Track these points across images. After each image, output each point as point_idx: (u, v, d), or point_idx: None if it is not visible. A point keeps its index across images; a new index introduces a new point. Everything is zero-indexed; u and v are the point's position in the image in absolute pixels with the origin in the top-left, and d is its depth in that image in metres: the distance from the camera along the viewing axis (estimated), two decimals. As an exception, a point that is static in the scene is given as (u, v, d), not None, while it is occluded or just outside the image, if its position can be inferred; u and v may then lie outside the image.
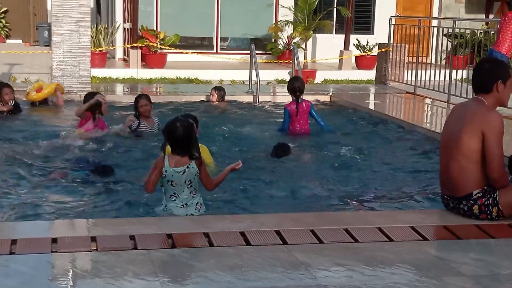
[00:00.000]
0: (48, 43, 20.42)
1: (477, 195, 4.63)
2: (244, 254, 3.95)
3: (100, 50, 15.71)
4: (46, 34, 22.15)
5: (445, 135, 4.84)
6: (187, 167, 4.89)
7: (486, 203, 4.62)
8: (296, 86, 8.60)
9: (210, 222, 4.54)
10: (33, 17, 24.72)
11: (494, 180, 4.61)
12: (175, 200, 4.94)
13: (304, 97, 9.48)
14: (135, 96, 8.61)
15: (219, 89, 11.16)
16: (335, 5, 18.69)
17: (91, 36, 13.10)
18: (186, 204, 4.93)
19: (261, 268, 3.75)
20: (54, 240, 4.05)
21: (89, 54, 11.33)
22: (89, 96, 8.10)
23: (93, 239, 4.10)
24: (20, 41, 24.30)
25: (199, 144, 6.36)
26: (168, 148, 5.01)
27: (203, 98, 11.29)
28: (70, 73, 11.11)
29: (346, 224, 4.52)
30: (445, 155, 4.78)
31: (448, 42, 12.84)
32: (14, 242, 4.00)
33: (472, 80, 4.81)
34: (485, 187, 4.64)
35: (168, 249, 4.01)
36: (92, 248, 3.98)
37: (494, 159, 4.55)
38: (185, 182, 4.90)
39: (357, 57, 17.26)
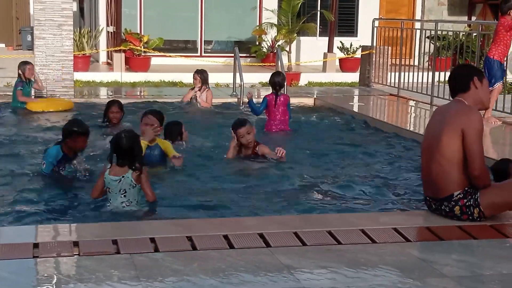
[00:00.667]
0: (31, 47, 20.29)
1: (458, 196, 4.65)
2: (228, 258, 3.95)
3: (84, 54, 15.66)
4: (29, 38, 22.00)
5: (427, 137, 4.87)
6: (123, 177, 5.15)
7: (467, 204, 4.65)
8: (276, 81, 9.12)
9: (193, 226, 4.53)
10: (16, 21, 24.57)
11: (475, 178, 4.62)
12: (109, 205, 5.22)
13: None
14: (108, 101, 8.58)
15: (201, 72, 10.88)
16: (318, 8, 18.73)
17: (74, 39, 13.05)
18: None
19: (244, 272, 3.75)
20: (36, 245, 4.03)
21: (72, 57, 11.29)
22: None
23: (76, 243, 4.08)
24: (3, 45, 24.14)
25: (163, 140, 6.49)
26: None
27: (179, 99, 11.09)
28: (53, 77, 11.07)
29: (330, 226, 4.53)
30: (426, 157, 4.81)
31: (431, 44, 12.89)
32: (-5, 247, 3.97)
33: (449, 83, 4.88)
34: (466, 188, 4.67)
35: (151, 253, 3.99)
36: (75, 253, 3.96)
37: (475, 157, 4.57)
38: (120, 191, 5.17)
39: (341, 60, 17.32)
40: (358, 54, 15.58)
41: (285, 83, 9.94)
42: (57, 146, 6.21)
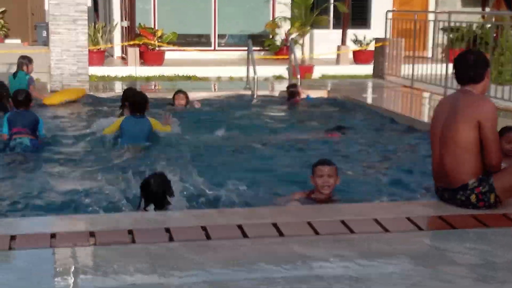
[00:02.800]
0: (46, 43, 20.43)
1: (473, 184, 4.67)
2: (241, 247, 3.99)
3: (98, 49, 15.74)
4: (44, 33, 22.16)
5: (437, 128, 4.85)
6: None
7: (483, 191, 4.67)
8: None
9: (207, 216, 4.58)
10: (31, 17, 24.74)
11: (493, 167, 4.68)
12: None
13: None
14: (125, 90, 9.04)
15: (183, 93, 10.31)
16: (332, 1, 18.70)
17: (89, 34, 13.14)
18: None
19: (257, 260, 3.79)
20: (53, 236, 4.09)
21: (87, 52, 11.38)
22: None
23: (92, 234, 4.14)
24: (18, 41, 24.32)
25: (152, 118, 7.30)
26: None
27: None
28: (69, 71, 11.17)
29: (342, 215, 4.56)
30: (438, 148, 4.81)
31: (445, 36, 12.84)
32: (13, 237, 4.04)
33: (459, 72, 4.82)
34: (479, 176, 4.69)
35: (166, 242, 4.05)
36: (91, 243, 4.02)
37: (493, 147, 4.61)
38: None
39: (354, 52, 17.29)
40: (371, 47, 15.54)
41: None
42: None
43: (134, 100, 7.62)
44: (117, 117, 8.21)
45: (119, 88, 12.54)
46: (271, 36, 18.50)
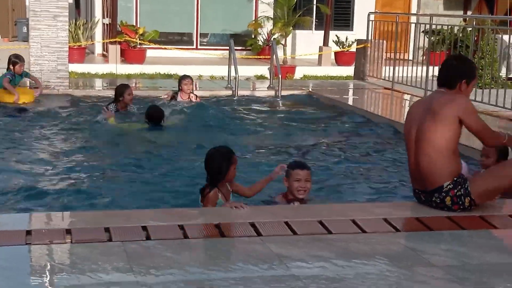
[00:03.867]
0: (26, 39, 20.26)
1: (448, 186, 4.70)
2: (219, 246, 3.99)
3: (79, 45, 15.64)
4: (24, 29, 22.00)
5: (410, 130, 4.85)
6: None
7: (457, 194, 4.69)
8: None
9: (185, 214, 4.56)
10: (12, 13, 24.54)
11: (491, 147, 4.90)
12: None
13: (284, 92, 11.13)
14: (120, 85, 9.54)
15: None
16: (314, 2, 18.74)
17: (69, 31, 13.05)
18: None
19: (235, 260, 3.79)
20: (29, 233, 4.06)
21: (67, 48, 11.30)
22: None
23: (68, 231, 4.11)
24: (-2, 37, 24.13)
25: None
26: None
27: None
28: (48, 67, 11.07)
29: (320, 216, 4.57)
30: (413, 150, 4.82)
31: (426, 39, 12.92)
32: (-13, 234, 4.00)
33: (438, 73, 4.88)
34: (455, 178, 4.71)
35: (143, 241, 4.03)
36: (67, 240, 3.99)
37: (483, 132, 4.71)
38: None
39: (336, 53, 17.34)
40: (353, 48, 15.60)
41: None
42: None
43: (151, 115, 8.43)
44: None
45: (99, 86, 12.49)
46: (253, 36, 18.51)
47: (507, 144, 4.95)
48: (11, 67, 10.16)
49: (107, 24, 17.38)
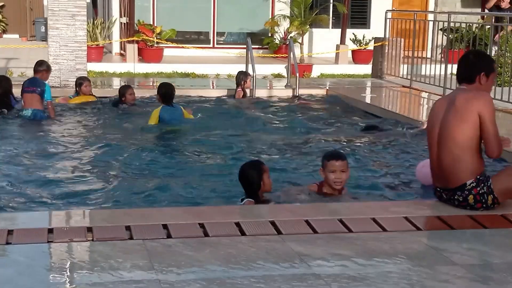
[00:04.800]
0: (45, 38, 20.39)
1: (471, 185, 4.67)
2: (239, 244, 3.99)
3: (97, 45, 15.71)
4: (42, 29, 22.10)
5: (434, 127, 4.83)
6: None
7: (480, 192, 4.66)
8: None
9: (205, 213, 4.57)
10: (30, 12, 24.68)
11: (495, 158, 4.78)
12: None
13: (301, 91, 11.31)
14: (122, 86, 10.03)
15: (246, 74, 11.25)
16: (331, 0, 18.69)
17: (87, 30, 13.11)
18: None
19: (255, 258, 3.79)
20: (50, 231, 4.08)
21: (86, 48, 11.36)
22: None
23: (89, 229, 4.13)
24: (17, 36, 24.28)
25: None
26: None
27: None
28: (67, 67, 11.13)
29: (340, 214, 4.56)
30: (436, 147, 4.80)
31: (444, 36, 12.84)
32: (10, 232, 4.03)
33: (457, 70, 4.87)
34: (478, 177, 4.68)
35: (164, 239, 4.04)
36: (88, 238, 4.01)
37: (493, 138, 4.63)
38: None
39: (353, 51, 17.28)
40: (370, 46, 15.53)
41: None
42: None
43: (165, 92, 8.74)
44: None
45: (117, 85, 12.53)
46: (270, 35, 18.49)
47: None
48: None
49: (124, 23, 17.44)
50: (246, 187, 5.06)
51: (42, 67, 9.28)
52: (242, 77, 10.95)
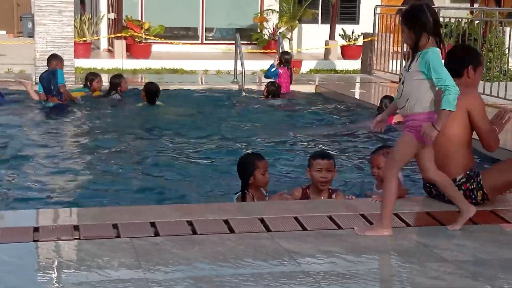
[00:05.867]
0: (32, 34, 20.25)
1: (461, 180, 4.65)
2: (228, 242, 3.95)
3: (84, 41, 15.61)
4: (30, 25, 21.96)
5: None
6: None
7: (470, 187, 4.65)
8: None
9: (193, 210, 4.53)
10: (17, 8, 24.53)
11: (493, 150, 4.75)
12: None
13: (291, 86, 11.36)
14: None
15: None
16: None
17: (75, 26, 13.01)
18: None
19: (244, 256, 3.75)
20: (36, 229, 4.03)
21: (73, 44, 11.27)
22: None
23: (76, 227, 4.08)
24: (3, 32, 24.11)
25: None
26: None
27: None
28: (54, 63, 11.01)
29: (330, 211, 4.53)
30: None
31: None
32: (-5, 231, 3.98)
33: (445, 65, 4.83)
34: (468, 172, 4.67)
35: (151, 237, 3.99)
36: (75, 237, 3.96)
37: (487, 132, 4.63)
38: None
39: (342, 47, 17.26)
40: (359, 42, 15.53)
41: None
42: None
43: (150, 90, 9.38)
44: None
45: (105, 81, 12.44)
46: (259, 30, 18.44)
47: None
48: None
49: (112, 19, 17.34)
50: (241, 179, 5.05)
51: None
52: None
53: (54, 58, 9.82)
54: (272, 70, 11.18)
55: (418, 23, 3.99)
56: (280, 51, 12.36)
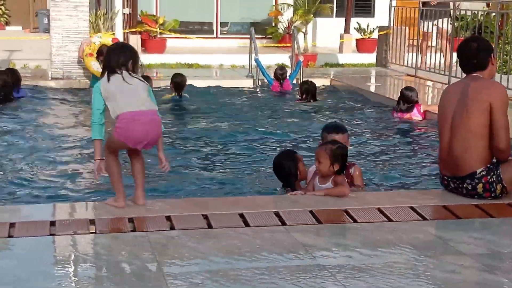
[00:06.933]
0: (47, 30, 20.33)
1: (481, 173, 4.61)
2: (243, 236, 3.95)
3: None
4: (45, 20, 22.04)
5: (446, 114, 4.77)
6: None
7: (490, 180, 4.61)
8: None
9: (208, 204, 4.53)
10: (33, 4, 24.62)
11: (501, 151, 4.60)
12: None
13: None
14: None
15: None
16: (335, -12, 18.57)
17: (90, 21, 13.02)
18: None
19: (260, 249, 3.75)
20: (53, 223, 4.05)
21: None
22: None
23: (92, 221, 4.10)
24: (20, 28, 24.21)
25: None
26: None
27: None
28: (69, 58, 11.07)
29: (345, 205, 4.51)
30: (448, 135, 4.73)
31: (449, 24, 12.75)
32: (12, 225, 4.00)
33: (464, 60, 4.78)
34: (488, 165, 4.63)
35: (167, 231, 4.00)
36: (91, 231, 3.97)
37: (502, 129, 4.56)
38: None
39: (357, 40, 17.17)
40: (375, 35, 15.44)
41: None
42: None
43: (179, 82, 9.52)
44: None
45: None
46: (273, 24, 18.39)
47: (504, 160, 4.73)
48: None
49: (127, 14, 17.35)
50: (282, 178, 5.02)
51: None
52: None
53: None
54: (268, 76, 11.20)
55: None
56: (295, 45, 12.31)
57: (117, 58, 4.29)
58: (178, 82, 9.57)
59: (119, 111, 4.20)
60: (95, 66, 10.31)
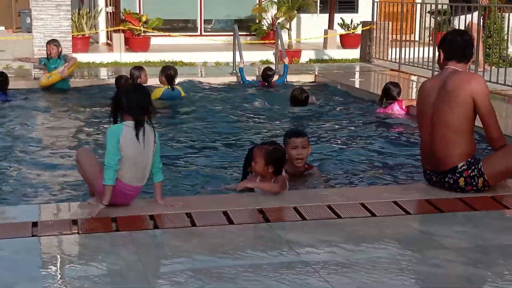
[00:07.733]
0: (30, 30, 20.22)
1: (462, 167, 4.63)
2: (227, 233, 3.94)
3: (83, 35, 15.55)
4: (28, 20, 21.89)
5: (425, 110, 4.78)
6: None
7: (471, 174, 4.63)
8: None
9: (192, 202, 4.52)
10: (15, 4, 24.46)
11: (494, 140, 4.65)
12: None
13: (289, 77, 11.25)
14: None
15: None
16: (319, -16, 18.58)
17: (73, 20, 12.97)
18: None
19: (243, 247, 3.74)
20: (35, 224, 4.02)
21: (71, 38, 11.26)
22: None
23: (75, 222, 4.07)
24: (2, 28, 24.05)
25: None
26: None
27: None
28: (52, 58, 10.99)
29: (329, 200, 4.51)
30: (428, 130, 4.75)
31: (432, 19, 12.80)
32: (-6, 227, 3.96)
33: (453, 51, 4.75)
34: (469, 159, 4.65)
35: (150, 230, 3.99)
36: (74, 231, 3.95)
37: (491, 120, 4.59)
38: None
39: (341, 36, 17.19)
40: (358, 30, 15.47)
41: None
42: None
43: (170, 74, 9.39)
44: None
45: (104, 75, 12.43)
46: (257, 21, 18.38)
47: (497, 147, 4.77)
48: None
49: (110, 13, 17.27)
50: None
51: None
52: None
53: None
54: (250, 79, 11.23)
55: None
56: (279, 41, 12.30)
57: (141, 103, 4.25)
58: (171, 74, 9.40)
59: (120, 177, 4.24)
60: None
